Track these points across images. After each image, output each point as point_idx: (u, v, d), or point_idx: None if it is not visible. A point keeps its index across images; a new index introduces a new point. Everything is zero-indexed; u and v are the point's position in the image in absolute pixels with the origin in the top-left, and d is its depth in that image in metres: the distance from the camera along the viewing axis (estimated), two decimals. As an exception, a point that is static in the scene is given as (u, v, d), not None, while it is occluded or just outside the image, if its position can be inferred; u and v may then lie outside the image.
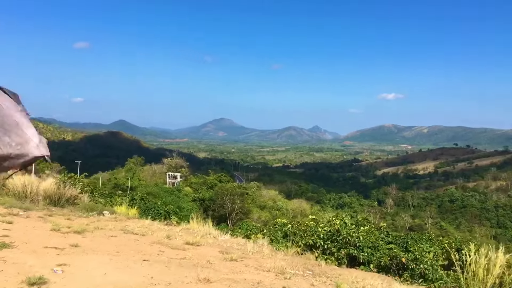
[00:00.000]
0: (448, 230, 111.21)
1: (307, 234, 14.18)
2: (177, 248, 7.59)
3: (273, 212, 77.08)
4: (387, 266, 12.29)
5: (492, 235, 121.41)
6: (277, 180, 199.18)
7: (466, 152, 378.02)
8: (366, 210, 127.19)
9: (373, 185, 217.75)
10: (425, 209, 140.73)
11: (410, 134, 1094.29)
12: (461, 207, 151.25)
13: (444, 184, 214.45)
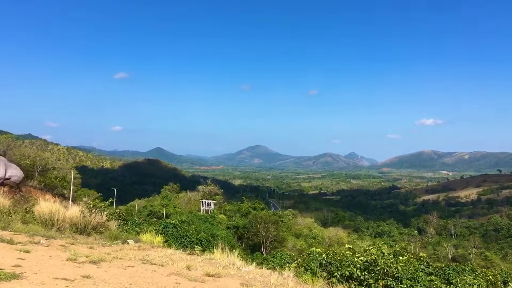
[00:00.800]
0: (494, 261, 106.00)
1: (343, 264, 13.70)
2: (196, 279, 7.13)
3: (308, 240, 75.62)
4: None
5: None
6: (313, 207, 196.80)
7: (511, 178, 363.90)
8: (405, 239, 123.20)
9: (412, 213, 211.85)
10: (468, 239, 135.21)
11: (451, 161, 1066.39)
12: (507, 237, 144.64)
13: (488, 212, 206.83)
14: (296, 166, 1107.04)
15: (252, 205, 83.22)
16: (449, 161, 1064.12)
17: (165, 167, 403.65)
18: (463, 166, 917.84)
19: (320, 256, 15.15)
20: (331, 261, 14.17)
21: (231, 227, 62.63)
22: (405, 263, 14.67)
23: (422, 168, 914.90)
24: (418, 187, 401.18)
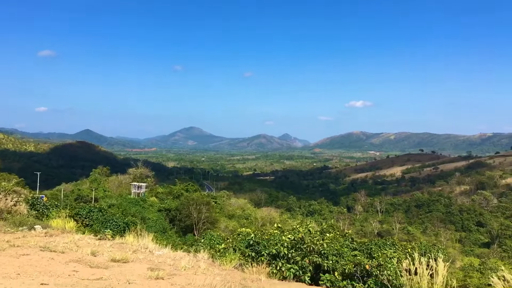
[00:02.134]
0: (415, 235, 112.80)
1: (271, 243, 13.64)
2: (98, 266, 6.56)
3: (241, 221, 76.07)
4: (351, 273, 11.84)
5: (457, 239, 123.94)
6: (247, 188, 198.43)
7: (432, 157, 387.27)
8: (335, 217, 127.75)
9: (342, 192, 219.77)
10: (392, 215, 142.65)
11: (378, 141, 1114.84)
12: (427, 212, 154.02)
13: (411, 189, 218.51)
14: (231, 148, 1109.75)
15: (184, 187, 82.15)
16: (377, 141, 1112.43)
17: (95, 149, 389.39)
18: (389, 146, 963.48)
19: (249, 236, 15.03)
20: (259, 241, 14.10)
21: (162, 210, 61.50)
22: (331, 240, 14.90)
23: (351, 149, 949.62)
24: (348, 166, 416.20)
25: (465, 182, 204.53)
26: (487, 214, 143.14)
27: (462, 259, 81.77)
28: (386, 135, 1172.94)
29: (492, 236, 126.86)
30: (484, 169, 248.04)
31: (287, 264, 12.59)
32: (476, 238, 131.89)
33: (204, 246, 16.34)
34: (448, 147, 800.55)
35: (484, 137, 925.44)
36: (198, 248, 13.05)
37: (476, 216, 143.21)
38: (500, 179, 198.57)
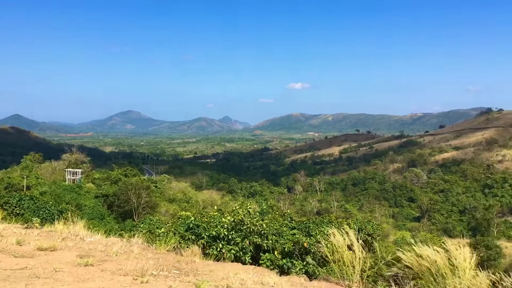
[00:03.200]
0: (352, 212, 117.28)
1: (211, 226, 13.66)
2: (23, 255, 6.21)
3: (182, 204, 75.52)
4: (290, 251, 12.11)
5: (391, 214, 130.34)
6: (188, 171, 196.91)
7: (367, 137, 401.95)
8: (276, 198, 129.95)
9: (282, 173, 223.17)
10: (331, 193, 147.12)
11: (317, 122, 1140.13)
12: (363, 190, 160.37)
13: (348, 168, 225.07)
14: (171, 131, 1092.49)
15: (123, 172, 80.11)
16: (315, 122, 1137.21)
17: (26, 135, 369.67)
18: (328, 127, 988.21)
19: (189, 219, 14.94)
20: (199, 223, 14.08)
21: (100, 196, 59.68)
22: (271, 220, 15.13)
23: (291, 130, 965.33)
24: (288, 148, 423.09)
25: (398, 160, 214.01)
26: (418, 190, 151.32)
27: (395, 233, 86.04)
28: (325, 116, 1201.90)
29: (422, 210, 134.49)
30: (415, 148, 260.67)
31: (227, 245, 12.67)
32: (408, 213, 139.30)
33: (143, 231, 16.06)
34: (382, 127, 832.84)
35: (415, 117, 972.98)
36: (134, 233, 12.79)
37: (408, 192, 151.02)
38: (429, 157, 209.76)
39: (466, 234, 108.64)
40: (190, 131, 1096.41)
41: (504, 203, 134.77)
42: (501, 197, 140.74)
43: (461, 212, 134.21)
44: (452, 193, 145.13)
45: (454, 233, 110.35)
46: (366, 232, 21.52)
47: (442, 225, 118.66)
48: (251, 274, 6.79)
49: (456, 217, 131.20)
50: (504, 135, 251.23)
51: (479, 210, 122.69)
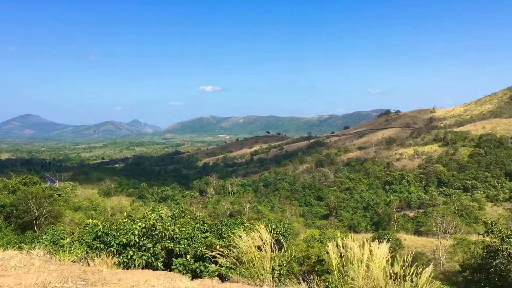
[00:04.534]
0: (264, 213, 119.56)
1: (121, 233, 13.30)
2: None
3: (89, 212, 72.08)
4: (203, 255, 12.12)
5: (301, 213, 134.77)
6: (95, 178, 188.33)
7: (277, 139, 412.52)
8: (188, 201, 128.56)
9: (195, 176, 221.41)
10: (243, 195, 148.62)
11: (228, 125, 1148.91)
12: (274, 190, 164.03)
13: (260, 170, 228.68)
14: (75, 136, 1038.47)
15: (22, 180, 74.56)
16: (227, 125, 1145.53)
17: None
18: (239, 129, 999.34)
19: (97, 227, 14.39)
20: (108, 231, 13.64)
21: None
22: (183, 225, 15.02)
23: (203, 133, 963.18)
24: (200, 150, 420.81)
25: (307, 161, 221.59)
26: (326, 189, 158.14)
27: (305, 231, 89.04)
28: (236, 118, 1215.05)
29: (330, 208, 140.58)
30: (322, 148, 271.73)
31: (139, 252, 12.40)
32: (317, 211, 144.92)
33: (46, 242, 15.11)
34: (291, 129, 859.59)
35: (322, 119, 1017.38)
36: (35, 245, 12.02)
37: (316, 191, 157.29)
38: (336, 157, 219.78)
39: (369, 229, 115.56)
40: (96, 136, 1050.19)
41: (402, 198, 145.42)
42: (399, 192, 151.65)
43: (365, 208, 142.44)
44: (357, 190, 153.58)
45: (359, 228, 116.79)
46: (278, 231, 22.09)
47: (348, 222, 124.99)
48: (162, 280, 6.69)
49: (361, 213, 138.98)
50: (401, 134, 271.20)
51: (381, 205, 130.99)
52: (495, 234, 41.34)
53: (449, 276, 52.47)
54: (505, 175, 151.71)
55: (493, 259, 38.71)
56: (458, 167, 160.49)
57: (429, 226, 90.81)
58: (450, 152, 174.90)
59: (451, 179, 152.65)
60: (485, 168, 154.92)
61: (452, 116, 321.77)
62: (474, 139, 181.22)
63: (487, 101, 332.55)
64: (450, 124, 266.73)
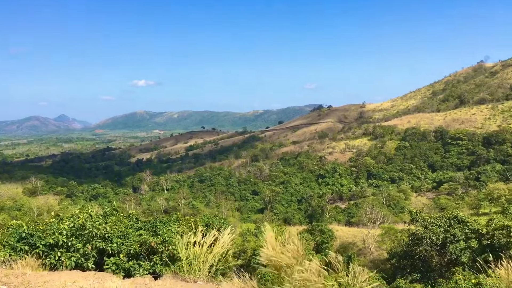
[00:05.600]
0: (200, 208, 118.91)
1: (47, 233, 12.53)
2: None
3: (12, 213, 68.00)
4: (137, 253, 11.75)
5: (236, 208, 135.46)
6: (19, 176, 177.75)
7: (213, 134, 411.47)
8: (121, 199, 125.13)
9: (127, 173, 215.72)
10: (178, 191, 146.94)
11: (162, 120, 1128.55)
12: (210, 186, 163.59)
13: (195, 165, 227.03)
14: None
15: None
16: (161, 120, 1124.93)
17: None
18: (173, 125, 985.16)
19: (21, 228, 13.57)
20: (33, 232, 12.88)
21: None
22: (115, 223, 14.50)
23: (135, 128, 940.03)
24: (133, 146, 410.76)
25: (242, 156, 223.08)
26: (261, 183, 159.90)
27: (241, 225, 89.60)
28: (170, 114, 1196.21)
29: (265, 202, 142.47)
30: (257, 143, 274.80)
31: (67, 253, 11.82)
32: (253, 205, 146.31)
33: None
34: (226, 124, 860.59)
35: (257, 114, 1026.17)
36: None
37: (252, 186, 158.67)
38: (270, 151, 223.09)
39: (303, 221, 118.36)
40: (20, 132, 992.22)
41: (335, 191, 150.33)
42: (332, 185, 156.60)
43: (299, 201, 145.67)
44: (291, 184, 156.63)
45: (294, 221, 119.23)
46: (213, 227, 22.00)
47: (283, 215, 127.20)
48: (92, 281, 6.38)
49: (295, 206, 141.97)
50: (333, 129, 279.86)
51: (314, 198, 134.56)
52: (419, 223, 43.86)
53: (377, 264, 54.96)
54: (428, 167, 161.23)
55: (417, 246, 41.05)
56: (386, 159, 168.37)
57: (359, 217, 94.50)
58: (379, 146, 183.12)
59: (380, 171, 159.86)
60: (410, 160, 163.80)
61: (380, 111, 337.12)
62: (400, 133, 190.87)
63: (411, 97, 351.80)
64: (379, 118, 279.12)
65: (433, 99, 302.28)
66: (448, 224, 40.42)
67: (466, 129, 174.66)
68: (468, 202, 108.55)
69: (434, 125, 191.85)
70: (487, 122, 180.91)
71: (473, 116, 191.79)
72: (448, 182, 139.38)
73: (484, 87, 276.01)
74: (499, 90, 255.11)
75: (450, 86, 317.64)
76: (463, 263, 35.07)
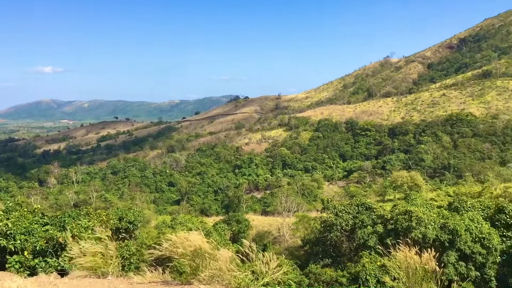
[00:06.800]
0: (112, 201, 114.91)
1: None
2: None
3: None
4: (44, 249, 11.15)
5: (152, 200, 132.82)
6: None
7: (126, 124, 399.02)
8: (26, 193, 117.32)
9: (33, 165, 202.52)
10: (89, 184, 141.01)
11: (71, 109, 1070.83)
12: (124, 178, 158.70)
13: (107, 157, 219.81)
14: None
15: None
16: (70, 110, 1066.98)
17: None
18: (84, 115, 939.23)
19: None
20: None
21: None
22: (18, 219, 13.69)
23: (41, 118, 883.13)
24: (38, 137, 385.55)
25: (158, 147, 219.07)
26: (177, 175, 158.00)
27: (157, 218, 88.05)
28: (80, 103, 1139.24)
29: (181, 193, 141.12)
30: (173, 134, 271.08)
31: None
32: (169, 197, 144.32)
33: None
34: (141, 114, 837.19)
35: (173, 104, 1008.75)
36: None
37: (168, 177, 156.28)
38: (187, 142, 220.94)
39: (220, 212, 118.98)
40: None
41: (251, 181, 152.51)
42: (248, 175, 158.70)
43: (215, 192, 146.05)
44: (208, 175, 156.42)
45: (210, 212, 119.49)
46: (127, 220, 21.29)
47: (200, 206, 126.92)
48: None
49: (212, 197, 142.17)
50: (250, 120, 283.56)
51: (231, 189, 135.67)
52: (330, 210, 45.87)
53: (292, 251, 56.73)
54: (339, 157, 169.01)
55: (329, 233, 42.95)
56: (300, 150, 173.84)
57: (275, 206, 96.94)
58: (293, 136, 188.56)
59: (295, 161, 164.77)
60: (323, 151, 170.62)
61: (295, 101, 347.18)
62: (314, 124, 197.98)
63: (324, 89, 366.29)
64: (294, 109, 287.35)
65: (344, 91, 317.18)
66: (357, 211, 42.69)
67: (373, 120, 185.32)
68: (375, 189, 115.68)
69: (345, 116, 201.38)
70: (392, 114, 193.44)
71: (380, 108, 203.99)
72: (357, 171, 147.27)
73: (390, 81, 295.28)
74: (403, 84, 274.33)
75: (359, 80, 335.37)
76: (370, 246, 37.20)
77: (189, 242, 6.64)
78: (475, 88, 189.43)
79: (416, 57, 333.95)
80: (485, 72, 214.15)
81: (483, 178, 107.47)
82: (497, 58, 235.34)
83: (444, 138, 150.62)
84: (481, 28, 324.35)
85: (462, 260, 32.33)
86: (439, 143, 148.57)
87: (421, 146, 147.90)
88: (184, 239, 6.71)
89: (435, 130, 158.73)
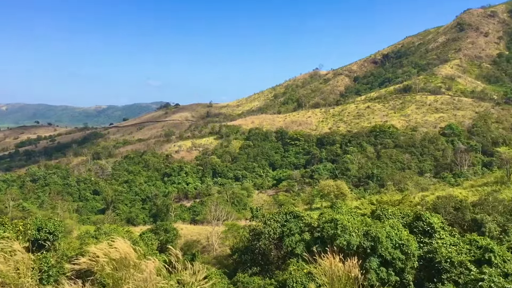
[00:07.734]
0: (31, 210, 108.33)
1: None
2: None
3: None
4: None
5: (75, 209, 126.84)
6: None
7: (48, 130, 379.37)
8: None
9: None
10: (5, 192, 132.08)
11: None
12: (44, 185, 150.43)
13: (27, 163, 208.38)
14: None
15: None
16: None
17: None
18: (1, 118, 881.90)
19: None
20: None
21: None
22: None
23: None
24: None
25: (82, 153, 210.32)
26: (103, 183, 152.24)
27: (80, 228, 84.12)
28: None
29: (107, 202, 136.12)
30: (100, 140, 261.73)
31: None
32: (93, 206, 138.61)
33: None
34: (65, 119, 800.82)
35: (100, 109, 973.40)
36: None
37: (93, 185, 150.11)
38: (114, 149, 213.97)
39: (148, 221, 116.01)
40: None
41: (180, 189, 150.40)
42: (178, 184, 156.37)
43: (143, 201, 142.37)
44: (136, 183, 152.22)
45: (138, 221, 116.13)
46: (47, 230, 20.11)
47: (126, 215, 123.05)
48: None
49: (139, 205, 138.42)
50: (180, 127, 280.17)
51: (160, 197, 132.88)
52: (259, 219, 46.25)
53: (221, 260, 56.45)
54: (269, 165, 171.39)
55: (257, 241, 43.23)
56: (231, 158, 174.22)
57: (204, 214, 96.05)
58: (224, 145, 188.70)
59: (225, 170, 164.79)
60: (253, 159, 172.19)
61: (226, 109, 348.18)
62: (244, 133, 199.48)
63: (256, 98, 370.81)
64: (225, 118, 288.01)
65: (275, 101, 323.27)
66: (285, 219, 43.35)
67: (303, 130, 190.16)
68: (303, 198, 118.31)
69: (275, 126, 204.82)
70: (321, 124, 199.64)
71: (309, 118, 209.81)
72: (286, 180, 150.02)
73: (319, 92, 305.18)
74: (331, 96, 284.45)
75: (290, 90, 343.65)
76: (298, 254, 37.90)
77: (114, 250, 6.39)
78: (397, 102, 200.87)
79: (343, 70, 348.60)
80: (406, 87, 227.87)
81: (403, 187, 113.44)
82: (417, 74, 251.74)
83: (368, 149, 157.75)
84: (402, 46, 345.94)
85: (383, 265, 33.79)
86: (364, 154, 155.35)
87: (347, 156, 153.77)
88: (107, 249, 6.44)
89: (360, 141, 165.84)
